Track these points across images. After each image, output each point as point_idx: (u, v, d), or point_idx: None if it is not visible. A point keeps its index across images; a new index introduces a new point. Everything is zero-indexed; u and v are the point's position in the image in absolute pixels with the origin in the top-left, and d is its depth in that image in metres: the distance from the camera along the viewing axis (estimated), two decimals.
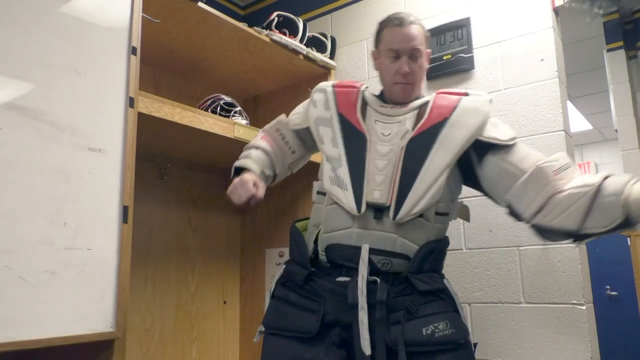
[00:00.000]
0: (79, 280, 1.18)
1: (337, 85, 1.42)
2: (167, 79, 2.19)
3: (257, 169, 1.39)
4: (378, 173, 1.25)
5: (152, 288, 2.00)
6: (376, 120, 1.33)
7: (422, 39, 1.34)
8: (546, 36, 1.78)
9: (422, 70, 1.36)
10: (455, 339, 1.17)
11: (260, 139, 1.50)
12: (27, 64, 1.17)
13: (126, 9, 1.40)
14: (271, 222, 2.31)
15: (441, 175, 1.23)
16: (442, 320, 1.18)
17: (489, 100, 1.32)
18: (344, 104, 1.37)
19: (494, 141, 1.25)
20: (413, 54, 1.32)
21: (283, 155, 1.49)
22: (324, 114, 1.38)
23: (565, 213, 1.16)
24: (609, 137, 5.61)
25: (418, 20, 1.36)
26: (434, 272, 1.25)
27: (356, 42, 2.27)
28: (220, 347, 2.25)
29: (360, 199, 1.23)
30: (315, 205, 1.36)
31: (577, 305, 1.60)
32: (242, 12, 2.80)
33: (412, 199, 1.21)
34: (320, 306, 1.19)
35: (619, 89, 3.28)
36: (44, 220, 1.14)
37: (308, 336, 1.18)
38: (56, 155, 1.18)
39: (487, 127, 1.27)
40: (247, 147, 1.50)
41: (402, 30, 1.33)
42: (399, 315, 1.16)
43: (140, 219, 1.94)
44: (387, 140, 1.28)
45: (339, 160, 1.29)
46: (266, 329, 1.28)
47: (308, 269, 1.25)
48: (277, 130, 1.50)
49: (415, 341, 1.14)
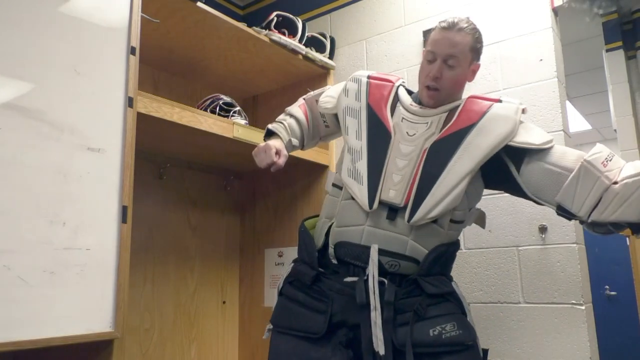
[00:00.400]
0: (78, 280, 1.18)
1: (372, 77, 1.39)
2: (166, 79, 2.19)
3: (285, 137, 1.42)
4: (396, 172, 1.23)
5: (151, 288, 2.00)
6: (403, 119, 1.31)
7: (466, 48, 1.28)
8: (545, 36, 1.78)
9: (456, 79, 1.30)
10: (463, 340, 1.16)
11: (298, 107, 1.52)
12: (26, 63, 1.17)
13: (125, 8, 1.40)
14: (270, 222, 2.31)
15: (461, 182, 1.20)
16: (449, 322, 1.17)
17: (522, 108, 1.27)
18: (375, 97, 1.35)
19: (527, 146, 1.21)
20: (448, 60, 1.27)
21: (316, 127, 1.52)
22: (354, 104, 1.36)
23: (625, 204, 1.12)
24: (608, 137, 5.60)
25: (472, 29, 1.30)
26: (442, 275, 1.25)
27: (355, 42, 2.27)
28: (220, 347, 2.24)
29: (374, 195, 1.22)
30: (329, 197, 1.35)
31: (576, 305, 1.60)
32: (241, 12, 2.80)
33: (429, 203, 1.19)
34: (327, 307, 1.19)
35: (618, 89, 3.28)
36: (43, 220, 1.14)
37: (316, 336, 1.18)
38: (55, 155, 1.18)
39: (520, 132, 1.23)
40: (285, 112, 1.53)
41: (445, 33, 1.29)
42: (406, 317, 1.16)
43: (139, 219, 1.94)
44: (411, 141, 1.26)
45: (360, 154, 1.28)
46: (274, 327, 1.29)
47: (316, 269, 1.25)
48: (317, 101, 1.49)
49: (423, 342, 1.14)
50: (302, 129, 1.49)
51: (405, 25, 2.12)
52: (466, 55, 1.29)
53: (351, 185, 1.26)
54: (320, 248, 1.30)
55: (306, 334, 1.20)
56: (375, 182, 1.23)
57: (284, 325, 1.26)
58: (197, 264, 2.20)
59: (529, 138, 1.22)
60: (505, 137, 1.21)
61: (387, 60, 2.15)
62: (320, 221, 1.35)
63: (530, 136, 1.23)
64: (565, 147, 1.25)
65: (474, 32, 1.31)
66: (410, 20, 2.11)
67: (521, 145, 1.21)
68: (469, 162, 1.21)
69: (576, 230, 1.65)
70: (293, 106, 1.54)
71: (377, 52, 2.19)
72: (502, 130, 1.22)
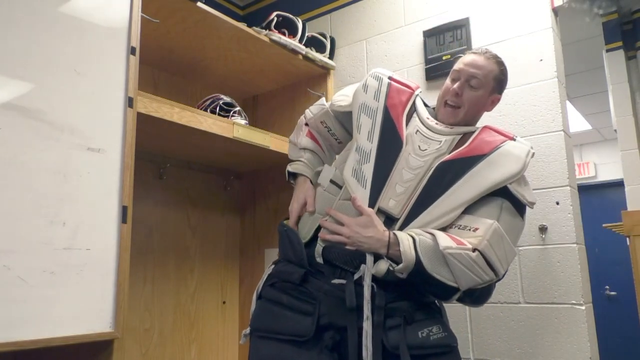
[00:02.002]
0: (78, 281, 1.18)
1: (394, 79, 1.38)
2: (166, 79, 2.19)
3: (310, 172, 1.41)
4: (401, 183, 1.23)
5: (151, 288, 2.00)
6: (418, 131, 1.30)
7: (490, 75, 1.31)
8: (545, 36, 1.78)
9: (475, 101, 1.31)
10: (449, 342, 1.20)
11: (305, 137, 1.48)
12: (26, 64, 1.16)
13: (125, 9, 1.40)
14: (270, 222, 2.31)
15: (459, 207, 1.21)
16: (434, 325, 1.20)
17: (532, 153, 1.28)
18: (394, 101, 1.33)
19: (521, 199, 1.22)
20: (470, 80, 1.30)
21: (330, 146, 1.49)
22: (371, 102, 1.33)
23: None
24: (608, 137, 5.60)
25: (500, 61, 1.34)
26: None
27: (355, 42, 2.27)
28: (220, 347, 2.24)
29: (375, 202, 1.22)
30: (325, 192, 1.31)
31: (576, 305, 1.60)
32: (241, 12, 2.80)
33: (423, 219, 1.20)
34: (314, 308, 1.18)
35: (618, 89, 3.28)
36: (43, 220, 1.14)
37: (303, 339, 1.16)
38: (55, 155, 1.18)
39: (519, 181, 1.24)
40: (293, 142, 1.50)
41: (474, 56, 1.33)
42: (395, 321, 1.17)
43: (139, 219, 1.93)
44: (422, 155, 1.26)
45: (369, 156, 1.27)
46: (254, 332, 1.26)
47: (306, 267, 1.24)
48: (322, 122, 1.47)
49: (413, 344, 1.15)
50: (320, 157, 1.48)
51: (406, 26, 2.12)
52: (489, 81, 1.32)
53: (353, 186, 1.25)
54: (306, 241, 1.28)
55: (292, 337, 1.17)
56: (379, 188, 1.23)
57: (265, 328, 1.23)
58: (197, 264, 2.20)
59: (524, 193, 1.24)
60: (513, 176, 1.22)
61: (387, 60, 2.15)
62: (311, 217, 1.31)
63: (526, 191, 1.25)
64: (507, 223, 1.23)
65: (501, 64, 1.35)
66: (410, 20, 2.11)
67: (516, 195, 1.22)
68: (473, 191, 1.21)
69: (576, 230, 1.65)
70: (300, 135, 1.50)
71: (378, 52, 2.19)
72: (512, 169, 1.22)
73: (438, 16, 2.02)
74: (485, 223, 1.17)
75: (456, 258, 1.12)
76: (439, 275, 1.13)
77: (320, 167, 1.41)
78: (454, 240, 1.15)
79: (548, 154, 1.72)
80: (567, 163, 1.69)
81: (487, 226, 1.16)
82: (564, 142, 1.70)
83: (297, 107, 2.28)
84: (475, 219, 1.20)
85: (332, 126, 1.46)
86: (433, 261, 1.13)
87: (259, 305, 1.29)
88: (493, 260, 1.14)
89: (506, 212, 1.22)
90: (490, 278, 1.16)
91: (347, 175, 1.27)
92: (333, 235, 1.22)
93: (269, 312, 1.25)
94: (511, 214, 1.23)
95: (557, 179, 1.69)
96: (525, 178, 1.28)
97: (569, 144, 1.75)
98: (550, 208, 1.68)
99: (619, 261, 4.67)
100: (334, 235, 1.22)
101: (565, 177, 1.68)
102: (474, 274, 1.13)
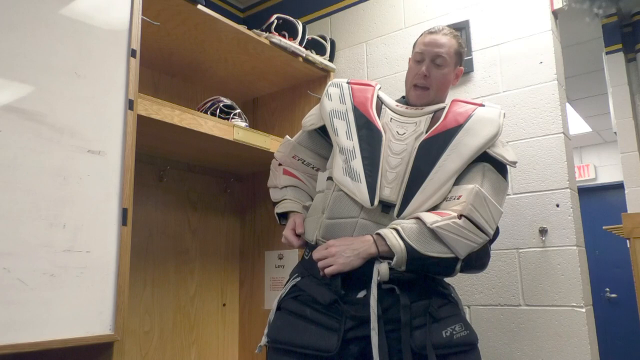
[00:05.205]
0: (78, 283, 1.18)
1: (352, 82, 1.44)
2: (167, 82, 2.19)
3: (298, 207, 1.44)
4: (390, 170, 1.27)
5: (151, 290, 2.00)
6: (392, 119, 1.35)
7: (452, 50, 1.37)
8: (545, 39, 1.79)
9: (443, 79, 1.38)
10: (472, 340, 1.21)
11: (283, 175, 1.51)
12: (26, 66, 1.17)
13: (126, 11, 1.40)
14: (271, 225, 2.31)
15: (450, 179, 1.24)
16: (457, 323, 1.21)
17: (503, 113, 1.34)
18: (360, 99, 1.38)
19: (501, 159, 1.27)
20: (436, 59, 1.35)
21: (310, 176, 1.52)
22: (339, 107, 1.39)
23: None
24: (608, 139, 5.61)
25: (456, 35, 1.40)
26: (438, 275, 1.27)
27: (355, 45, 2.27)
28: (219, 350, 2.24)
29: (374, 192, 1.24)
30: (320, 194, 1.37)
31: (576, 307, 1.60)
32: (242, 15, 2.81)
33: (419, 198, 1.23)
34: (340, 324, 1.17)
35: (617, 92, 3.29)
36: (43, 223, 1.14)
37: (328, 355, 1.15)
38: (55, 158, 1.18)
39: (496, 144, 1.29)
40: (272, 186, 1.53)
41: (433, 36, 1.38)
42: (419, 320, 1.17)
43: (140, 222, 1.94)
44: (402, 140, 1.30)
45: (353, 153, 1.30)
46: (273, 343, 1.24)
47: (339, 294, 1.20)
48: (295, 157, 1.51)
49: (438, 344, 1.15)
50: (303, 189, 1.50)
51: (406, 28, 2.12)
52: (452, 57, 1.38)
53: (347, 183, 1.27)
54: (312, 243, 1.30)
55: (317, 352, 1.16)
56: (374, 179, 1.25)
57: (286, 341, 1.21)
58: (197, 267, 2.20)
59: (504, 154, 1.29)
60: (492, 138, 1.28)
61: (387, 62, 2.15)
62: (314, 217, 1.34)
63: (505, 152, 1.29)
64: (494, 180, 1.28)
65: (458, 38, 1.41)
66: (410, 23, 2.11)
67: (497, 156, 1.27)
68: (458, 161, 1.25)
69: (576, 232, 1.65)
70: (277, 177, 1.52)
71: (377, 55, 2.19)
72: (489, 132, 1.28)
73: (438, 19, 2.03)
74: (466, 189, 1.22)
75: (445, 229, 1.15)
76: (434, 253, 1.16)
77: (308, 201, 1.46)
78: (438, 214, 1.19)
79: (548, 156, 1.72)
80: (567, 165, 1.69)
81: (468, 191, 1.21)
82: (564, 145, 1.70)
83: (297, 110, 2.28)
84: (458, 188, 1.24)
85: (305, 157, 1.50)
86: (423, 242, 1.15)
87: (279, 316, 1.28)
88: (480, 223, 1.19)
89: (489, 174, 1.27)
90: (483, 239, 1.20)
91: (338, 176, 1.29)
92: (325, 261, 1.21)
93: (290, 325, 1.23)
94: (494, 175, 1.28)
95: (557, 181, 1.69)
96: (503, 141, 1.32)
97: (569, 146, 1.75)
98: (551, 210, 1.68)
99: (619, 263, 4.67)
100: (326, 259, 1.21)
101: (565, 180, 1.68)
102: (466, 239, 1.17)
